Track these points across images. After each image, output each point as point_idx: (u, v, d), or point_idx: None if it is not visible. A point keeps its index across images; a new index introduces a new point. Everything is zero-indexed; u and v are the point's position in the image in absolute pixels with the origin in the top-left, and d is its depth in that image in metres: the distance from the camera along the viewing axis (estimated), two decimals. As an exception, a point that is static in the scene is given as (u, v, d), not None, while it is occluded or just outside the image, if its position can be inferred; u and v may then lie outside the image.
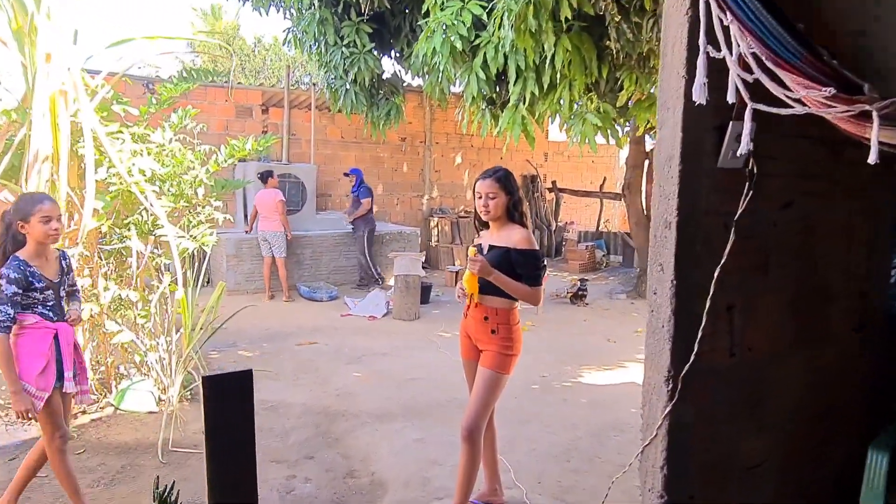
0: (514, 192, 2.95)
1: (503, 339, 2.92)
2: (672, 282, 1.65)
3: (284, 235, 8.54)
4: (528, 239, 2.89)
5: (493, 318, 2.93)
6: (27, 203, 2.81)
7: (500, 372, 2.92)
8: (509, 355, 2.93)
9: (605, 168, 15.18)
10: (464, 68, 4.96)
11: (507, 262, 2.85)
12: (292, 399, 4.80)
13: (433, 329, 7.15)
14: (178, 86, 4.61)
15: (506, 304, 2.93)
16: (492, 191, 2.91)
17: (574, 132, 4.74)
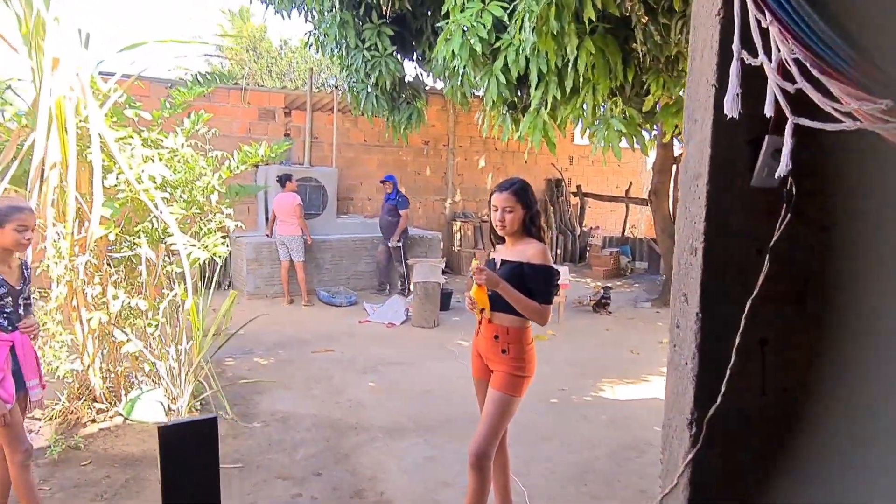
0: (531, 205, 2.79)
1: (514, 359, 2.76)
2: (697, 315, 1.47)
3: (303, 239, 8.46)
4: (542, 253, 2.73)
5: (504, 336, 2.77)
6: (6, 208, 2.73)
7: (510, 394, 2.75)
8: (521, 377, 2.77)
9: (631, 172, 14.87)
10: (484, 71, 4.80)
11: (519, 278, 2.70)
12: (303, 410, 4.69)
13: (451, 338, 7.00)
14: (193, 89, 4.53)
15: (518, 322, 2.77)
16: (508, 204, 2.76)
17: (598, 138, 4.55)
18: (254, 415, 4.56)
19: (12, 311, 2.81)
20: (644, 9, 3.74)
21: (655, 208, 9.32)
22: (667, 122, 4.60)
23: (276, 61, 20.46)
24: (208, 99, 9.64)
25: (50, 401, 4.35)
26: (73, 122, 3.56)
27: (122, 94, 4.25)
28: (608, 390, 5.37)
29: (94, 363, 4.22)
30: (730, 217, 1.47)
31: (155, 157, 4.06)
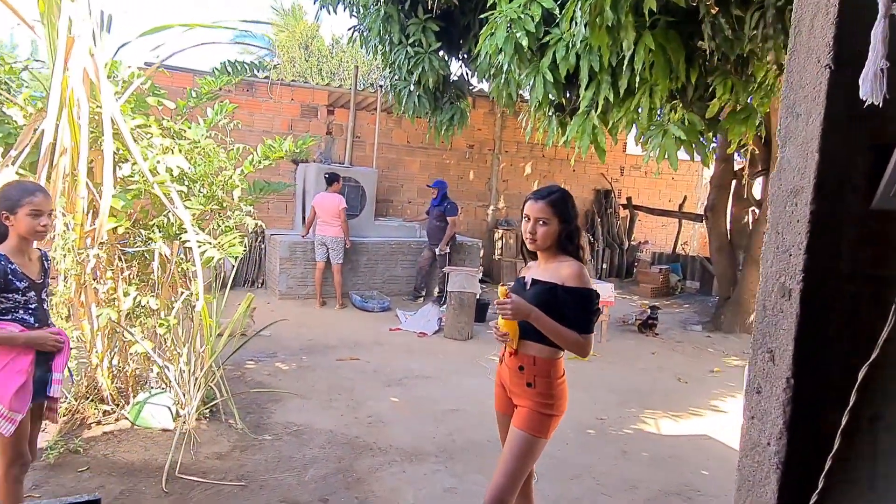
0: (570, 219, 2.41)
1: (541, 394, 2.38)
2: (789, 380, 1.08)
3: (343, 242, 8.20)
4: (579, 275, 2.33)
5: (530, 368, 2.39)
6: (16, 192, 2.49)
7: (534, 434, 2.37)
8: (548, 415, 2.38)
9: (685, 186, 14.20)
10: (530, 69, 4.41)
11: (553, 302, 2.31)
12: (320, 424, 4.38)
13: (485, 352, 6.62)
14: (220, 78, 4.29)
15: (547, 353, 2.39)
16: (543, 216, 2.38)
17: (652, 146, 4.09)
18: (266, 426, 4.28)
19: (37, 307, 2.59)
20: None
21: (712, 226, 8.75)
22: (732, 130, 4.11)
23: (326, 60, 20.46)
24: (251, 94, 9.54)
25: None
26: (87, 106, 3.33)
27: (147, 80, 4.04)
28: (651, 423, 4.90)
29: (103, 362, 4.01)
30: (841, 249, 1.07)
31: (174, 147, 3.81)
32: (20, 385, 2.44)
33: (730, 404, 5.51)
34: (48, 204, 2.56)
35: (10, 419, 2.42)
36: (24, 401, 2.47)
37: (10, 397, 2.41)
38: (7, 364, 2.44)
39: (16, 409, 2.43)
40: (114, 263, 3.88)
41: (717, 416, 5.15)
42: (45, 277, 2.65)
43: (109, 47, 3.78)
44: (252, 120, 9.49)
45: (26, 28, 3.52)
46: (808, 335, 1.07)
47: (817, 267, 1.05)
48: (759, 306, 1.15)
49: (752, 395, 1.16)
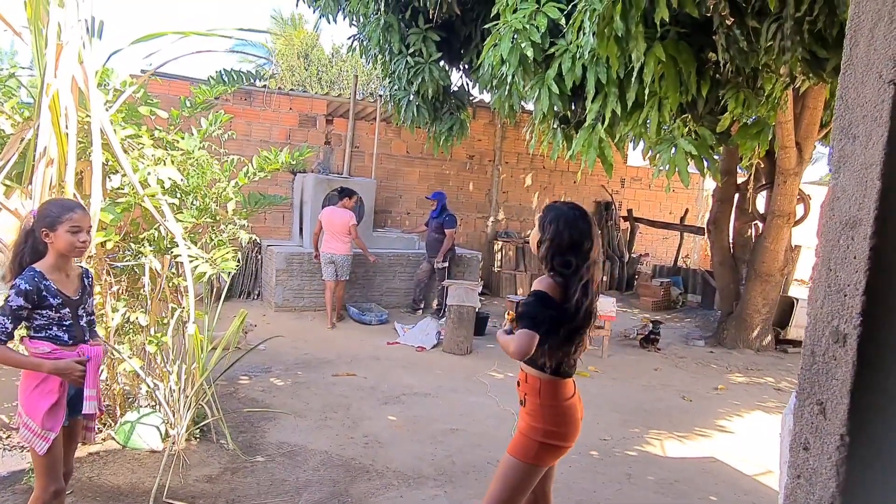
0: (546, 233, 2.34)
1: (530, 414, 2.30)
2: (843, 437, 0.94)
3: (351, 259, 7.90)
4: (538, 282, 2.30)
5: (524, 384, 2.36)
6: (56, 209, 2.49)
7: (517, 458, 2.25)
8: (532, 440, 2.25)
9: (686, 199, 14.10)
10: (535, 80, 4.29)
11: None
12: (315, 444, 4.23)
13: (485, 367, 6.48)
14: (215, 88, 4.17)
15: (532, 372, 2.36)
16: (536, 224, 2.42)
17: (661, 160, 3.97)
18: (259, 446, 4.13)
19: (72, 324, 2.52)
20: (730, 8, 3.17)
21: (714, 239, 8.64)
22: (744, 144, 4.00)
23: (326, 69, 20.40)
24: (248, 103, 9.43)
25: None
26: (75, 115, 3.20)
27: (141, 88, 3.91)
28: (656, 444, 4.75)
29: (90, 380, 3.86)
30: (904, 289, 0.94)
31: (167, 158, 3.69)
32: (53, 403, 2.43)
33: (736, 424, 5.37)
34: (87, 220, 2.55)
35: (44, 437, 2.40)
36: (57, 419, 2.45)
37: (42, 415, 2.39)
38: (39, 383, 2.43)
39: (48, 428, 2.41)
40: (102, 278, 3.74)
41: (724, 437, 5.01)
42: (82, 294, 2.60)
43: (100, 55, 3.65)
44: (250, 129, 9.38)
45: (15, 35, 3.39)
46: (866, 387, 0.94)
47: (877, 310, 0.93)
48: (807, 352, 1.02)
49: (798, 451, 1.03)
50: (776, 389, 6.53)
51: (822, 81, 3.86)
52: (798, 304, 8.20)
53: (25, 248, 2.49)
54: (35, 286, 2.38)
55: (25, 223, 2.53)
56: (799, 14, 3.07)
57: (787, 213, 7.26)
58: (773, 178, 7.50)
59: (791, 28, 3.07)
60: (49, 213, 2.46)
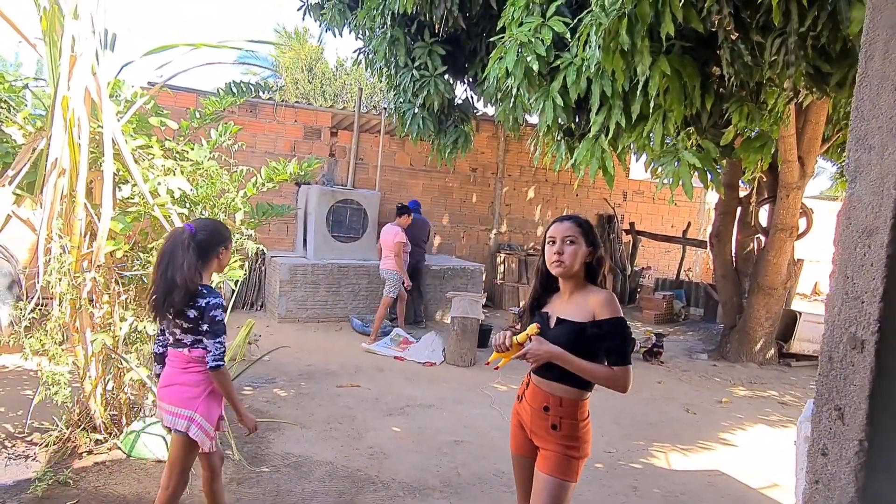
0: (597, 244, 2.30)
1: (567, 437, 2.24)
2: (862, 443, 0.96)
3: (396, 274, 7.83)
4: (609, 302, 2.21)
5: (556, 409, 2.26)
6: (228, 231, 2.83)
7: (564, 479, 2.23)
8: (575, 458, 2.25)
9: (688, 212, 14.15)
10: (539, 93, 4.34)
11: (583, 341, 2.19)
12: (320, 455, 4.23)
13: (488, 379, 6.47)
14: (224, 99, 4.21)
15: (574, 393, 2.26)
16: (570, 234, 2.27)
17: (665, 172, 4.00)
18: (264, 457, 4.13)
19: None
20: (735, 24, 3.22)
21: (717, 252, 8.66)
22: (748, 157, 4.04)
23: (330, 82, 20.54)
24: (253, 115, 9.50)
25: (48, 423, 4.03)
26: (87, 126, 3.24)
27: (151, 100, 3.96)
28: (661, 457, 4.74)
29: (96, 389, 3.87)
30: (920, 296, 0.95)
31: (176, 169, 3.72)
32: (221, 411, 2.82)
33: (740, 437, 5.35)
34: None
35: (213, 438, 2.75)
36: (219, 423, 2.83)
37: (216, 420, 2.75)
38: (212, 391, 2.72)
39: (217, 430, 2.79)
40: (110, 287, 3.76)
41: (728, 450, 5.00)
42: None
43: (112, 66, 3.69)
44: (255, 141, 9.44)
45: (30, 46, 3.44)
46: (884, 392, 0.96)
47: (894, 316, 0.94)
48: (824, 357, 1.04)
49: (816, 456, 1.04)
50: (780, 403, 6.52)
51: (826, 96, 3.90)
52: (801, 318, 8.20)
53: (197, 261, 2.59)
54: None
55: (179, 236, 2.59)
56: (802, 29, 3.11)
57: (790, 226, 7.29)
58: (776, 192, 7.53)
59: (795, 43, 3.12)
60: (226, 232, 2.78)
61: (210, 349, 2.58)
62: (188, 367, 2.68)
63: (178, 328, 2.64)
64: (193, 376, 2.67)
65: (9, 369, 5.47)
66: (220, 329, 2.58)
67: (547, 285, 2.42)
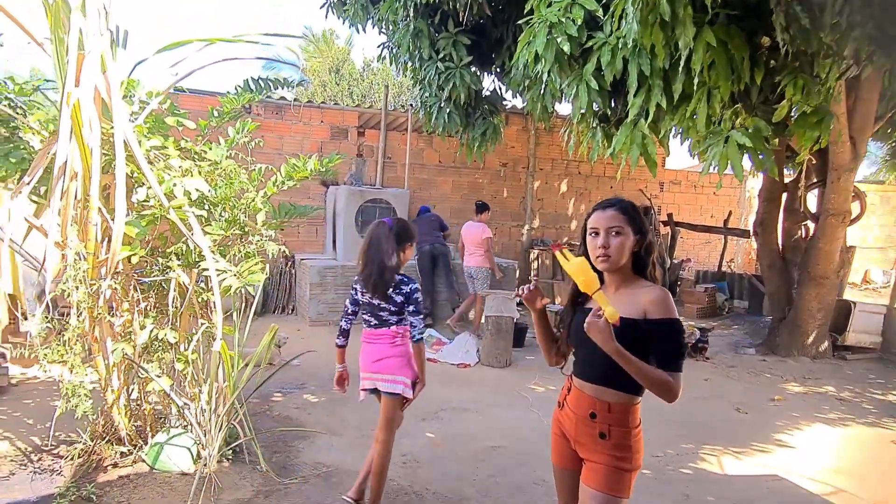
0: (645, 230, 2.05)
1: (617, 447, 2.00)
2: None
3: (489, 272, 7.97)
4: (663, 301, 1.94)
5: (604, 415, 2.01)
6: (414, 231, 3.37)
7: (615, 495, 1.99)
8: (627, 471, 2.00)
9: (728, 201, 13.65)
10: (572, 77, 4.06)
11: (634, 340, 1.93)
12: (351, 465, 4.04)
13: (525, 380, 6.22)
14: (242, 96, 4.05)
15: (623, 398, 2.01)
16: (615, 224, 2.01)
17: (712, 154, 3.67)
18: (293, 467, 3.96)
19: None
20: (790, -17, 2.90)
21: (762, 241, 8.25)
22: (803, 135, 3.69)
23: (357, 83, 20.48)
24: (279, 116, 9.41)
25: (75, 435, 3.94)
26: (98, 127, 3.10)
27: (166, 100, 3.82)
28: (713, 461, 4.43)
29: (119, 400, 3.75)
30: None
31: (194, 169, 3.57)
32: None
33: (797, 438, 5.01)
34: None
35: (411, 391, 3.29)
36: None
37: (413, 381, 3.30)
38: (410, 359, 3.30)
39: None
40: (129, 294, 3.63)
41: (786, 452, 4.66)
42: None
43: (125, 65, 3.56)
44: (281, 143, 9.36)
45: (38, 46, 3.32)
46: None
47: None
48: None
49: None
50: (838, 399, 6.12)
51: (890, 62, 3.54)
52: (856, 308, 7.75)
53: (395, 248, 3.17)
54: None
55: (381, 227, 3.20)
56: (869, -15, 2.80)
57: (843, 211, 6.86)
58: (825, 176, 7.11)
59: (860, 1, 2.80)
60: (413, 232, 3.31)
61: (416, 325, 3.22)
62: (395, 341, 3.28)
63: (385, 311, 3.24)
64: (399, 349, 3.27)
65: (39, 380, 5.42)
66: (421, 308, 3.23)
67: None
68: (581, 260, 1.93)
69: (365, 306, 3.34)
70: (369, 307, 3.31)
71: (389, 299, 3.19)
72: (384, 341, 3.29)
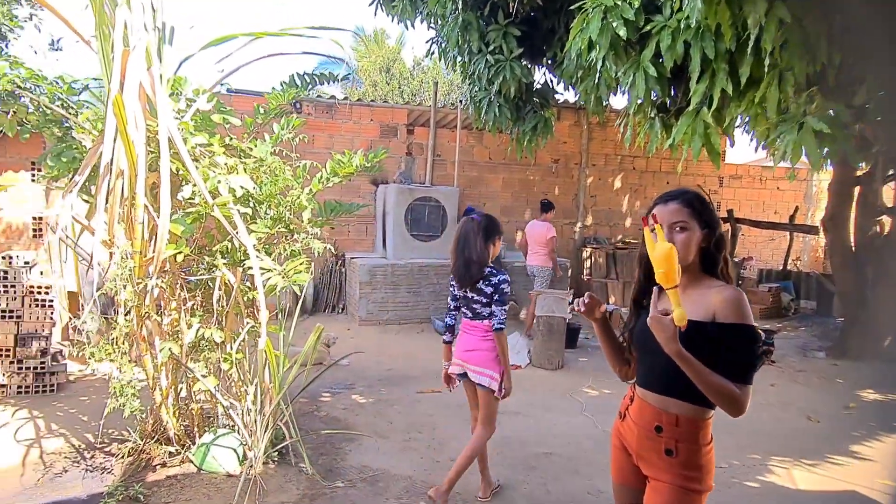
0: (714, 224, 1.85)
1: (686, 465, 1.80)
2: None
3: (551, 271, 7.90)
4: (737, 304, 1.72)
5: (671, 429, 1.82)
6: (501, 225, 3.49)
7: None
8: (696, 492, 1.80)
9: (793, 196, 12.99)
10: (628, 64, 3.83)
11: (702, 344, 1.73)
12: (398, 469, 3.94)
13: (578, 383, 6.00)
14: (288, 91, 3.99)
15: (692, 411, 1.81)
16: (680, 218, 1.82)
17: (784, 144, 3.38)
18: (339, 470, 3.87)
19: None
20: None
21: (833, 238, 7.75)
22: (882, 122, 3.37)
23: (407, 82, 20.48)
24: (330, 115, 9.41)
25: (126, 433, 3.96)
26: (143, 123, 3.07)
27: (213, 97, 3.79)
28: (783, 474, 4.13)
29: (167, 400, 3.74)
30: None
31: (239, 167, 3.52)
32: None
33: (876, 450, 4.63)
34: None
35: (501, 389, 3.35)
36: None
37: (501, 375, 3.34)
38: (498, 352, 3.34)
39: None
40: (176, 293, 3.61)
41: (864, 466, 4.31)
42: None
43: (172, 61, 3.53)
44: (332, 142, 9.36)
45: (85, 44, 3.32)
46: None
47: None
48: None
49: None
50: (920, 408, 5.68)
51: None
52: (939, 310, 7.19)
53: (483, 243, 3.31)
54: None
55: (470, 224, 3.34)
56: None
57: (924, 205, 6.36)
58: (904, 167, 6.61)
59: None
60: (500, 227, 3.44)
61: (497, 314, 3.26)
62: (486, 335, 3.33)
63: (477, 303, 3.33)
64: (489, 343, 3.32)
65: (96, 377, 5.53)
66: (506, 299, 3.27)
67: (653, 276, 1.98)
68: (671, 247, 1.67)
69: (461, 300, 3.46)
70: (464, 300, 3.43)
71: (480, 291, 3.30)
72: (476, 334, 3.38)
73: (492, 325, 3.28)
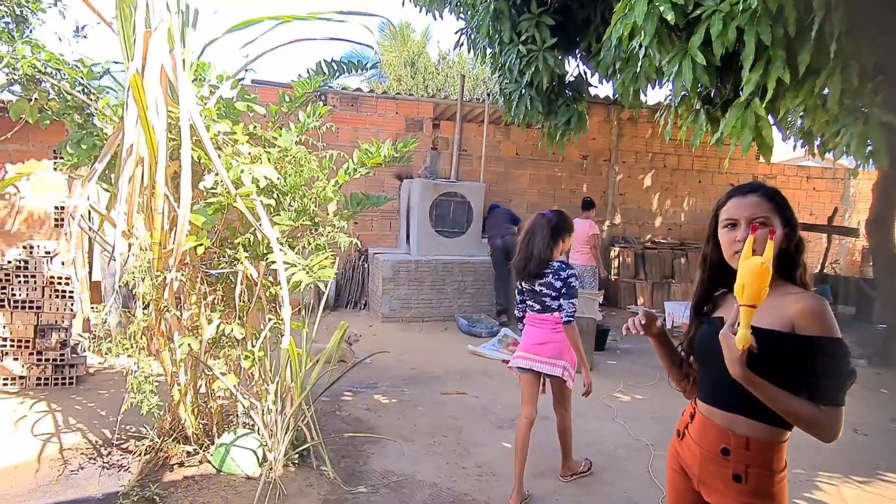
0: (795, 223, 1.64)
1: (755, 493, 1.59)
2: None
3: (595, 270, 7.89)
4: (820, 314, 1.50)
5: (740, 453, 1.61)
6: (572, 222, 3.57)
7: None
8: None
9: (830, 196, 12.56)
10: (674, 52, 3.60)
11: (778, 358, 1.53)
12: (422, 474, 3.76)
13: (609, 387, 5.77)
14: (314, 79, 3.83)
15: (766, 432, 1.60)
16: (761, 213, 1.59)
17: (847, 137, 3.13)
18: (362, 475, 3.71)
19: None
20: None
21: (876, 241, 7.41)
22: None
23: (432, 76, 20.29)
24: (355, 108, 9.27)
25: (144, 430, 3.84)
26: (164, 108, 2.93)
27: (237, 83, 3.65)
28: (831, 491, 3.88)
29: (186, 397, 3.61)
30: None
31: (263, 156, 3.36)
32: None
33: (931, 466, 4.35)
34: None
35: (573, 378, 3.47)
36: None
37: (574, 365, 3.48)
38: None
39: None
40: (197, 287, 3.47)
41: (918, 484, 4.04)
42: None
43: (195, 45, 3.39)
44: (357, 135, 9.21)
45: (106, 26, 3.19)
46: None
47: None
48: None
49: None
50: (973, 421, 5.35)
51: None
52: None
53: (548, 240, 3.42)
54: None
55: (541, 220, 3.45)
56: None
57: (978, 208, 6.01)
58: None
59: None
60: (571, 224, 3.52)
61: (566, 308, 3.34)
62: (556, 327, 3.41)
63: (547, 296, 3.42)
64: (560, 335, 3.41)
65: (116, 370, 5.44)
66: (574, 293, 3.35)
67: (719, 280, 1.77)
68: (765, 265, 1.43)
69: (528, 293, 3.52)
70: (531, 294, 3.49)
71: (550, 285, 3.39)
72: (546, 326, 3.45)
73: (561, 317, 3.36)
